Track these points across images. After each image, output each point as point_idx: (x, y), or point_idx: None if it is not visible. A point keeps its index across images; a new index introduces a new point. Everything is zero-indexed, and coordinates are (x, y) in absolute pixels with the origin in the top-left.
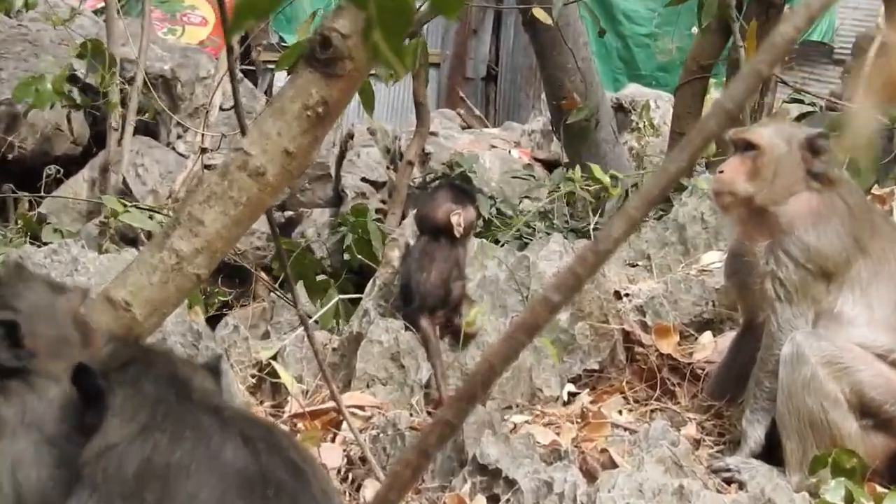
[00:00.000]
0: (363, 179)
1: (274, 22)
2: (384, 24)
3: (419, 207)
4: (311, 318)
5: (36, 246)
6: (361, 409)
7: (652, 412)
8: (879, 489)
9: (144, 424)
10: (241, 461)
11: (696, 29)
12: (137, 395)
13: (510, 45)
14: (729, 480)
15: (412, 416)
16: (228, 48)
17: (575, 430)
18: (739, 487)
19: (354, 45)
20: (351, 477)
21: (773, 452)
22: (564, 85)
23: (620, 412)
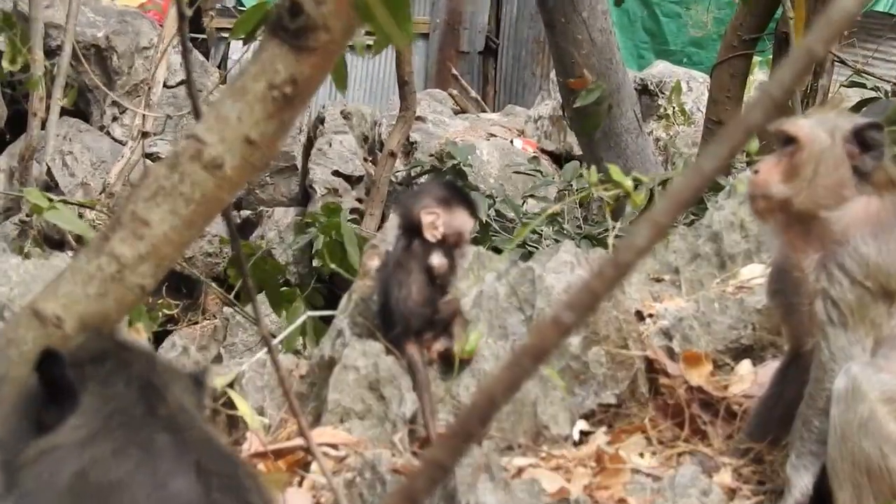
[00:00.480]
0: (335, 173)
1: None
2: None
3: (401, 202)
4: (274, 337)
5: None
6: (334, 447)
7: (679, 455)
8: None
9: (94, 430)
10: (188, 495)
11: None
12: (105, 395)
13: (513, 12)
14: None
15: (394, 456)
16: (179, 12)
17: (588, 475)
18: None
19: (330, 11)
20: None
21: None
22: (577, 61)
23: (642, 455)
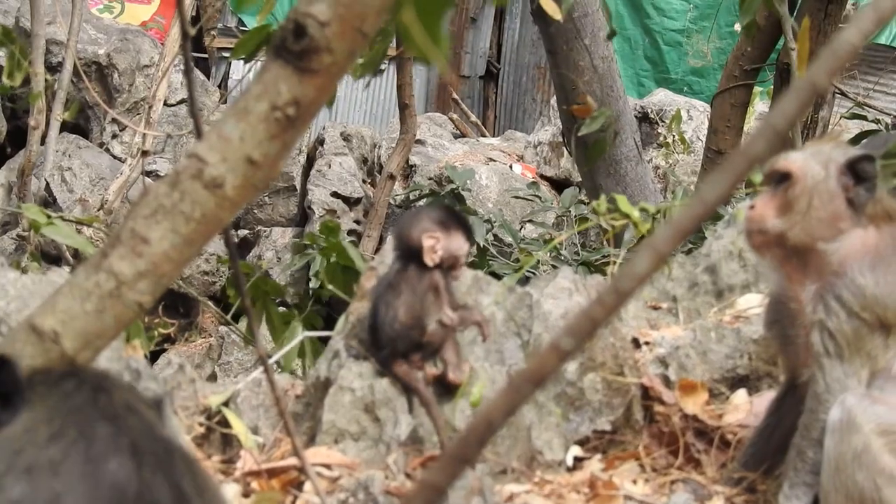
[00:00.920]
0: (334, 194)
1: (232, 1)
2: (421, 3)
3: (397, 225)
4: (270, 357)
5: None
6: (328, 467)
7: (673, 483)
8: None
9: (37, 419)
10: (120, 474)
11: (738, 26)
12: (54, 393)
13: (515, 37)
14: None
15: (388, 478)
16: (183, 32)
17: (581, 501)
18: None
19: (334, 34)
20: None
21: None
22: (578, 88)
23: (635, 482)
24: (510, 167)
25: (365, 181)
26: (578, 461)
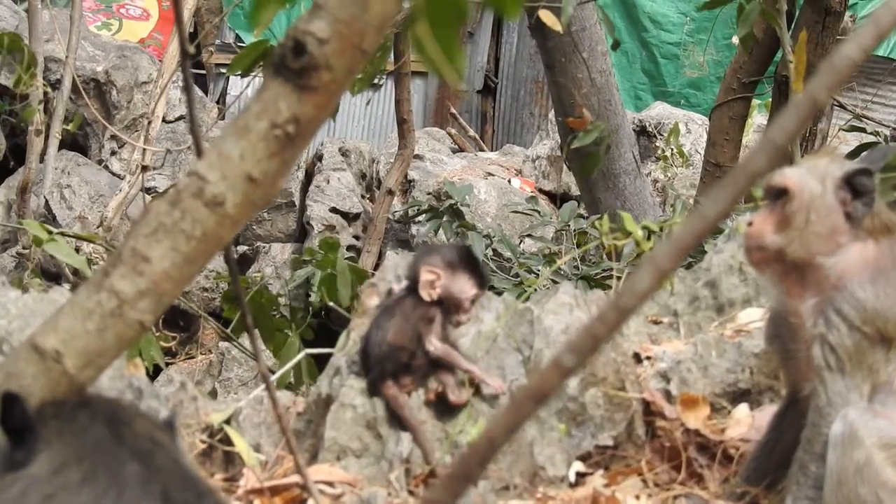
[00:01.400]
0: (333, 210)
1: (230, 18)
2: (434, 14)
3: (412, 258)
4: (272, 374)
5: None
6: (331, 485)
7: (675, 498)
8: None
9: (65, 459)
10: None
11: (735, 39)
12: (70, 428)
13: (512, 52)
14: None
15: (390, 495)
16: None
17: None
18: None
19: (333, 51)
20: None
21: None
22: (576, 101)
23: (638, 497)
24: (509, 181)
25: (363, 196)
26: (581, 476)
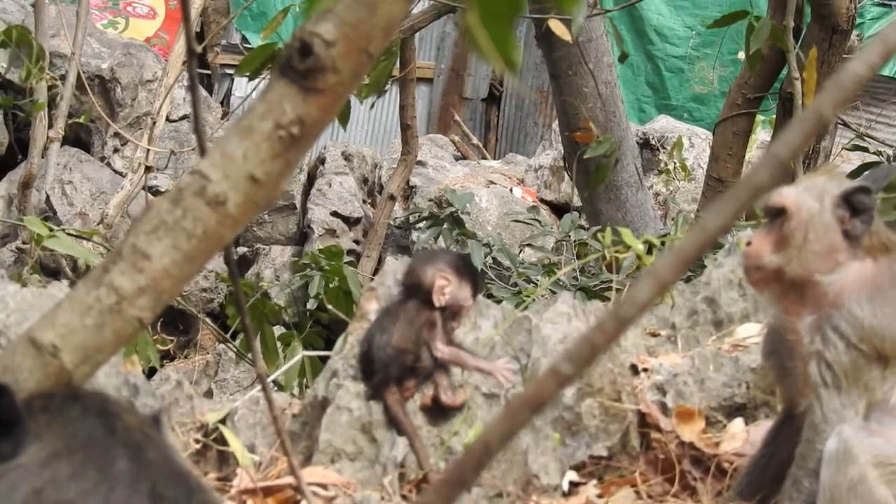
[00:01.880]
0: (334, 214)
1: (237, 19)
2: (487, 5)
3: (412, 260)
4: (268, 376)
5: None
6: (324, 487)
7: None
8: None
9: (56, 452)
10: None
11: (741, 54)
12: (60, 420)
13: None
14: None
15: (384, 499)
16: (189, 49)
17: None
18: None
19: (340, 54)
20: None
21: None
22: (581, 113)
23: None
24: (510, 190)
25: (365, 201)
26: (574, 486)
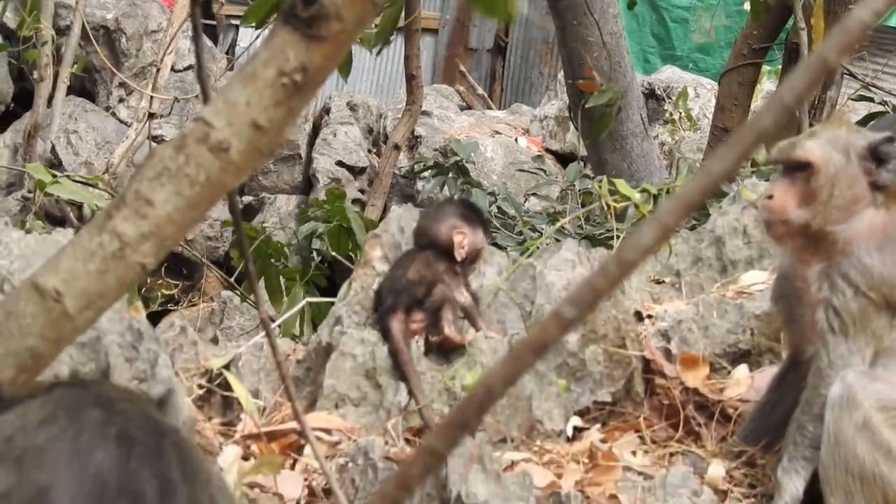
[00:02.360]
0: (339, 163)
1: None
2: None
3: (419, 220)
4: (273, 321)
5: None
6: (328, 432)
7: (672, 455)
8: None
9: (30, 407)
10: (106, 463)
11: (747, 5)
12: (48, 388)
13: (524, 11)
14: None
15: (387, 443)
16: None
17: (580, 471)
18: None
19: (344, 2)
20: None
21: None
22: (586, 63)
23: (634, 453)
24: (516, 140)
25: (370, 151)
26: (578, 431)
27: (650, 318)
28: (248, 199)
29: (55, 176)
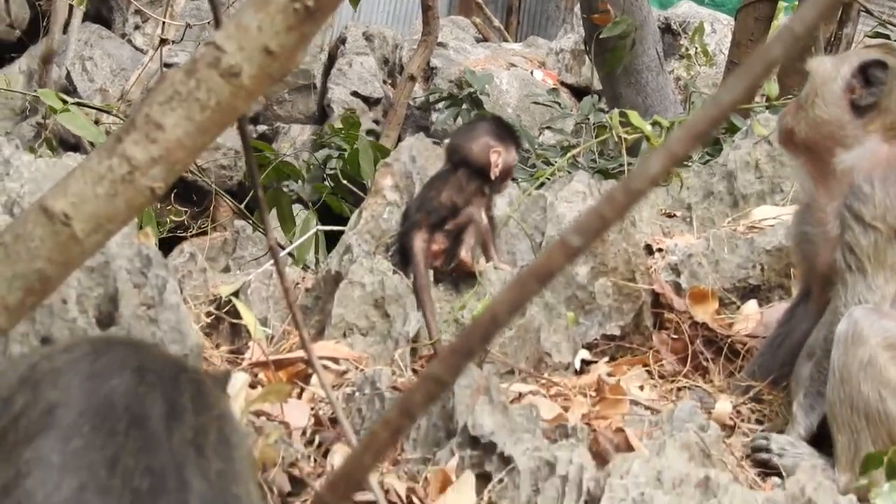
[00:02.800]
0: (354, 94)
1: None
2: None
3: (452, 138)
4: (282, 249)
5: None
6: (335, 361)
7: (679, 390)
8: None
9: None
10: (120, 388)
11: None
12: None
13: None
14: (765, 464)
15: (395, 374)
16: None
17: (587, 404)
18: (779, 477)
19: None
20: (318, 440)
21: (821, 448)
22: None
23: (642, 387)
24: (531, 73)
25: (385, 82)
26: (586, 364)
27: (660, 251)
28: (262, 128)
29: (65, 102)
